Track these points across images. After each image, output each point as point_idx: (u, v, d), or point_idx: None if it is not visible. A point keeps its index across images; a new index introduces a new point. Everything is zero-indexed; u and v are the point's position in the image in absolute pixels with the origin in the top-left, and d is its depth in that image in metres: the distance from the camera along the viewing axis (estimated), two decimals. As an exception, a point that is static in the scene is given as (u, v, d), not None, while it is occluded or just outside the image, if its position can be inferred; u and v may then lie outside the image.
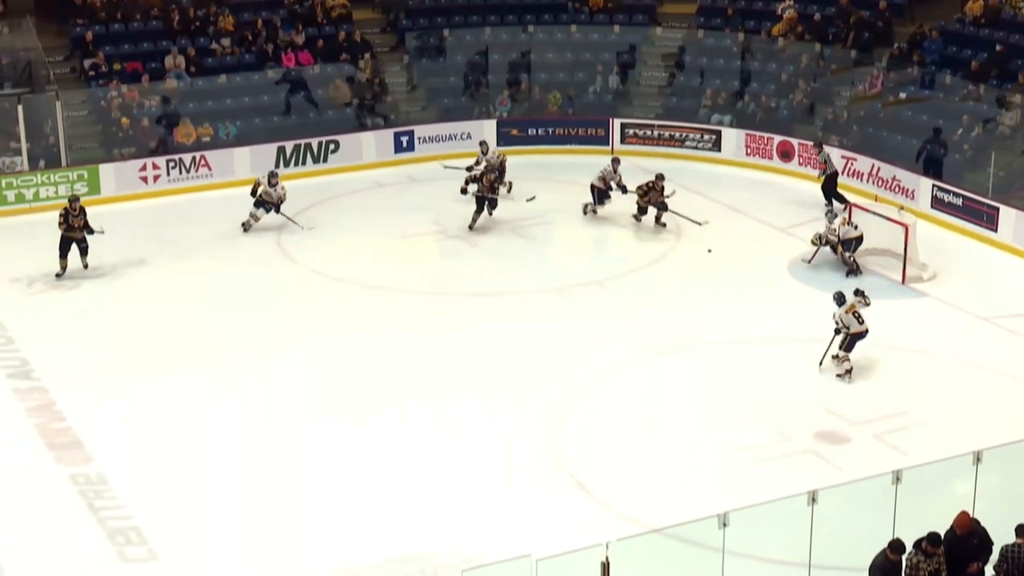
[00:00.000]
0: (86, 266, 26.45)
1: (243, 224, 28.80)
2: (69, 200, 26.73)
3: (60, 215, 26.40)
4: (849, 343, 22.44)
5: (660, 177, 28.77)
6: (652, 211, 28.72)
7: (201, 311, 25.09)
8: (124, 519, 18.39)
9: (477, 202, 28.96)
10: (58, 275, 26.30)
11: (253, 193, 28.77)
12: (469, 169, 30.37)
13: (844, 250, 26.30)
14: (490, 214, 29.04)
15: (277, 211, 28.73)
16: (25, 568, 17.40)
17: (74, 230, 26.27)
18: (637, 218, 29.05)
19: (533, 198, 29.27)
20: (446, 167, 30.60)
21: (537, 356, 23.32)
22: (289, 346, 23.67)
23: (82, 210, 26.47)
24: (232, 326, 24.48)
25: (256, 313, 25.05)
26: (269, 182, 28.68)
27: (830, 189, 30.25)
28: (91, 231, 26.44)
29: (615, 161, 29.82)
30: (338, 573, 17.21)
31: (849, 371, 22.39)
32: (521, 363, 23.08)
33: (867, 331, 22.46)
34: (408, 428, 20.97)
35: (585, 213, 29.60)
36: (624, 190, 29.26)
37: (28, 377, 22.54)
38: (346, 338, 24.01)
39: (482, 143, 31.22)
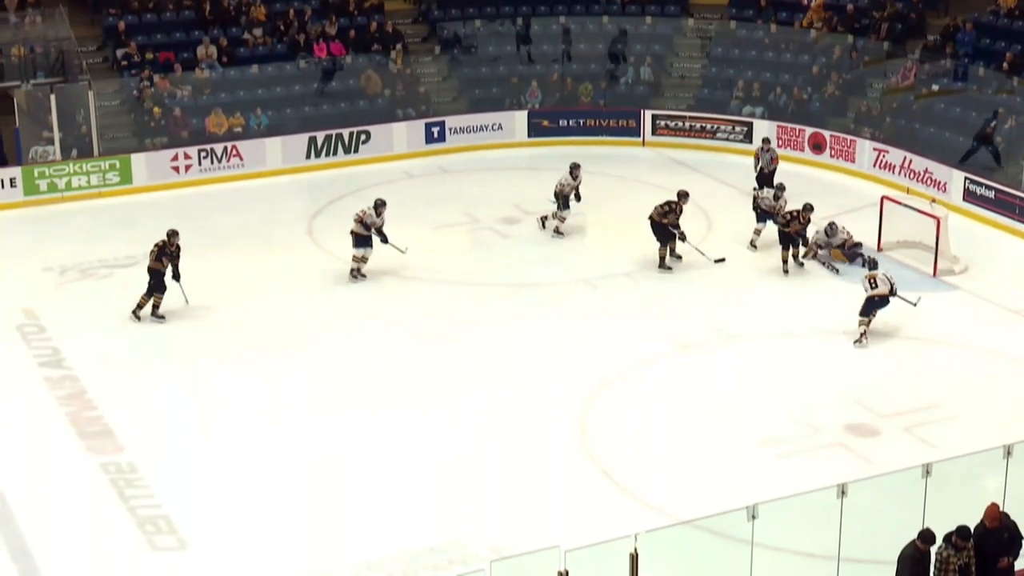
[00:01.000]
0: (162, 317, 24.11)
1: (352, 272, 25.87)
2: (169, 234, 24.05)
3: (156, 249, 23.97)
4: (865, 308, 22.91)
5: (808, 208, 26.44)
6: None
7: (232, 301, 25.13)
8: (154, 507, 18.45)
9: (658, 235, 26.42)
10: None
11: (371, 228, 25.63)
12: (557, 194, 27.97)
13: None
14: (671, 251, 26.57)
15: (384, 240, 25.80)
16: (56, 556, 17.50)
17: (162, 264, 23.89)
18: (785, 263, 26.45)
19: (723, 259, 26.79)
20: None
21: (566, 347, 23.33)
22: (319, 336, 23.71)
23: (178, 248, 24.04)
24: (263, 316, 24.56)
25: (287, 303, 25.11)
26: (376, 211, 25.70)
27: (767, 179, 29.52)
28: (177, 276, 24.01)
29: (575, 167, 28.38)
30: (366, 564, 17.24)
31: (864, 335, 22.83)
32: (550, 354, 23.09)
33: (884, 296, 22.95)
34: (435, 419, 20.97)
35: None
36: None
37: (60, 366, 22.63)
38: (374, 329, 24.03)
39: (574, 166, 28.22)
